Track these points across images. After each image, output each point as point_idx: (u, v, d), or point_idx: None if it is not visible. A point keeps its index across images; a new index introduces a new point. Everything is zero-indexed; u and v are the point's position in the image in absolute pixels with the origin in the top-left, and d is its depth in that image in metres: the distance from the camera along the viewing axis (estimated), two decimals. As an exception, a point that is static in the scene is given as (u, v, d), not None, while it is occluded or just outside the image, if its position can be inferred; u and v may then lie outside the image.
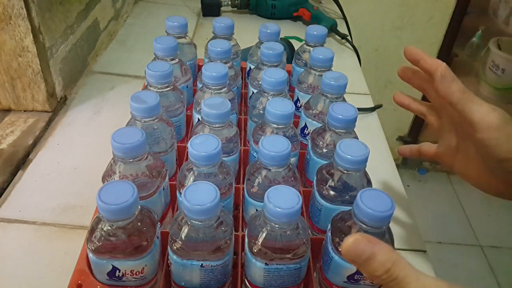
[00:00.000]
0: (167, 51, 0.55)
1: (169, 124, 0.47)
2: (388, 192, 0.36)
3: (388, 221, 0.35)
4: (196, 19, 1.04)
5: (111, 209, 0.33)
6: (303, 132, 0.55)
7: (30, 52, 0.60)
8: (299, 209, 0.35)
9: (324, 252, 0.40)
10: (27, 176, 0.57)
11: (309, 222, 0.46)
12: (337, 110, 0.46)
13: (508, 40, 1.91)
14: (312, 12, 1.02)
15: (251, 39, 0.69)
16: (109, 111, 0.70)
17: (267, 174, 0.42)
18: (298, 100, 0.60)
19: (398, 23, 1.49)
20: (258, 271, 0.37)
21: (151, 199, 0.41)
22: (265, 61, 0.58)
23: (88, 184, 0.56)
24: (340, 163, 0.41)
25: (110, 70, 0.81)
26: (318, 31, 0.63)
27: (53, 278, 0.45)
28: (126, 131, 0.39)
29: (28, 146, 0.61)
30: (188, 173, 0.41)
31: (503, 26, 1.98)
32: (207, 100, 0.45)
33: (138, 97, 0.44)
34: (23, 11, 0.57)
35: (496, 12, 2.05)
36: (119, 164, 0.39)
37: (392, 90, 1.81)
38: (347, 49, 0.99)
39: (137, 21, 1.01)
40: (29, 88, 0.64)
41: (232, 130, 0.47)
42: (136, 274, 0.36)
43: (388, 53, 1.55)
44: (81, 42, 0.76)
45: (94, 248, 0.35)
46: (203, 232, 0.36)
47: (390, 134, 0.74)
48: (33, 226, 0.50)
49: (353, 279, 0.38)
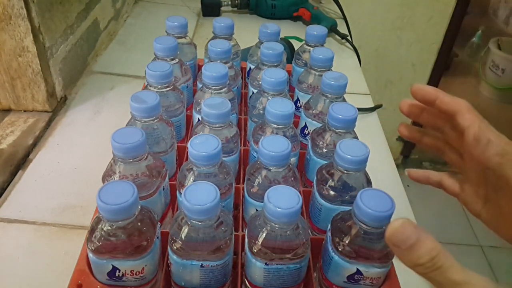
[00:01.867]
0: (167, 51, 0.55)
1: (169, 124, 0.47)
2: (388, 192, 0.36)
3: (388, 221, 0.35)
4: (196, 19, 1.04)
5: (111, 209, 0.33)
6: (303, 132, 0.55)
7: (30, 52, 0.60)
8: (299, 209, 0.35)
9: (324, 252, 0.40)
10: (27, 176, 0.57)
11: (309, 222, 0.46)
12: (337, 110, 0.46)
13: (508, 40, 1.91)
14: (312, 12, 1.02)
15: (251, 39, 0.69)
16: (109, 111, 0.70)
17: (267, 174, 0.42)
18: (298, 100, 0.60)
19: (398, 23, 1.49)
20: (258, 271, 0.37)
21: (151, 199, 0.41)
22: (265, 61, 0.58)
23: (88, 184, 0.56)
24: (340, 163, 0.41)
25: (110, 70, 0.81)
26: (318, 31, 0.63)
27: (53, 278, 0.45)
28: (126, 131, 0.39)
29: (28, 146, 0.61)
30: (188, 173, 0.41)
31: (503, 26, 1.99)
32: (207, 100, 0.45)
33: (138, 97, 0.44)
34: (23, 11, 0.57)
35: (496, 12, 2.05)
36: (119, 164, 0.39)
37: (392, 90, 1.82)
38: (347, 49, 0.99)
39: (137, 21, 1.01)
40: (29, 88, 0.64)
41: (232, 130, 0.47)
42: (136, 274, 0.36)
43: (388, 53, 1.55)
44: (81, 42, 0.76)
45: (94, 248, 0.35)
46: (203, 232, 0.36)
47: (390, 134, 0.73)
48: (33, 226, 0.50)
49: (353, 279, 0.38)
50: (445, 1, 1.45)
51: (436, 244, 0.27)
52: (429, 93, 0.39)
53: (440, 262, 0.26)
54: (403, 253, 0.27)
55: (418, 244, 0.26)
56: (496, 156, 0.35)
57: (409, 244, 0.27)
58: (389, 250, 0.37)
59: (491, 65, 1.90)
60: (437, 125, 0.42)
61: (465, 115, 0.37)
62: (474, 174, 0.39)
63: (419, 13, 1.47)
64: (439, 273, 0.26)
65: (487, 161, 0.36)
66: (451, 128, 0.41)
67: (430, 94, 0.39)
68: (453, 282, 0.26)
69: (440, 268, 0.26)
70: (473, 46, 2.07)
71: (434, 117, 0.42)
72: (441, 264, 0.26)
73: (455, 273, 0.26)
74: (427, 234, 0.27)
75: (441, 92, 0.39)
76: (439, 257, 0.26)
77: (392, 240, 0.27)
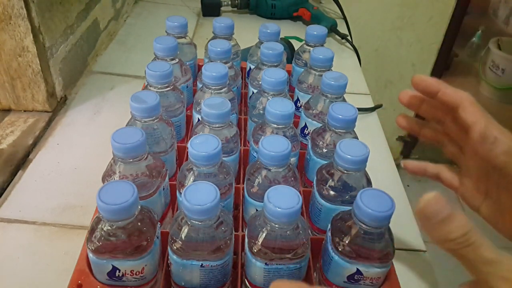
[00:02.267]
0: (167, 51, 0.55)
1: (169, 124, 0.47)
2: (388, 192, 0.36)
3: (388, 221, 0.35)
4: (196, 19, 1.04)
5: (111, 209, 0.33)
6: (303, 132, 0.55)
7: (30, 52, 0.60)
8: (299, 209, 0.35)
9: (324, 252, 0.40)
10: (27, 176, 0.57)
11: (309, 222, 0.46)
12: (337, 110, 0.46)
13: (508, 40, 1.91)
14: (312, 12, 1.02)
15: (251, 39, 0.69)
16: (109, 111, 0.70)
17: (267, 174, 0.42)
18: (298, 100, 0.60)
19: (398, 23, 1.49)
20: (258, 271, 0.37)
21: (151, 199, 0.41)
22: (265, 61, 0.58)
23: (88, 184, 0.56)
24: (340, 163, 0.41)
25: (110, 70, 0.81)
26: (318, 31, 0.63)
27: (53, 278, 0.45)
28: (126, 131, 0.39)
29: (28, 146, 0.61)
30: (188, 173, 0.41)
31: (503, 26, 1.99)
32: (207, 100, 0.45)
33: (138, 97, 0.44)
34: (23, 11, 0.57)
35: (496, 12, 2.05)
36: (119, 164, 0.39)
37: (392, 90, 1.82)
38: (347, 49, 0.99)
39: (137, 21, 1.01)
40: (29, 88, 0.64)
41: (232, 130, 0.47)
42: (136, 274, 0.36)
43: (388, 53, 1.55)
44: (81, 42, 0.76)
45: (94, 248, 0.35)
46: (203, 232, 0.36)
47: (390, 134, 0.73)
48: (33, 226, 0.50)
49: (353, 279, 0.38)
50: (445, 1, 1.45)
51: (468, 221, 0.26)
52: (431, 84, 0.38)
53: (472, 238, 0.25)
54: (434, 227, 0.26)
55: (450, 218, 0.26)
56: (503, 154, 0.35)
57: (441, 217, 0.26)
58: (389, 250, 0.37)
59: (491, 65, 1.90)
60: (437, 117, 0.41)
61: (468, 109, 0.36)
62: (475, 169, 0.39)
63: (419, 13, 1.47)
64: (471, 250, 0.26)
65: (493, 160, 0.35)
66: (452, 120, 0.40)
67: (432, 86, 0.38)
68: (485, 260, 0.26)
69: (472, 245, 0.25)
70: (473, 46, 2.07)
71: (435, 109, 0.41)
72: (474, 241, 0.25)
73: (488, 251, 0.25)
74: (460, 210, 0.26)
75: (443, 84, 0.38)
76: (472, 234, 0.25)
77: (424, 212, 0.26)
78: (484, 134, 0.35)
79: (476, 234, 0.26)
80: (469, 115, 0.36)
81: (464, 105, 0.37)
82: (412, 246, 0.53)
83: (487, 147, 0.35)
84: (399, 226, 0.55)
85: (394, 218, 0.35)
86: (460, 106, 0.37)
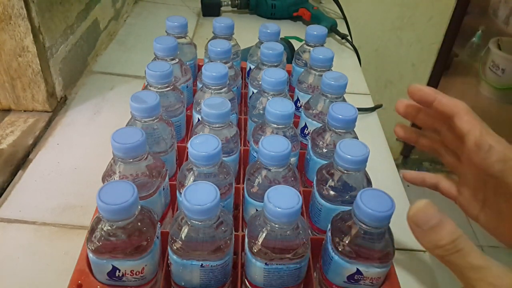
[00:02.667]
0: (167, 51, 0.55)
1: (169, 124, 0.47)
2: (388, 192, 0.36)
3: (388, 221, 0.35)
4: (196, 19, 1.04)
5: (111, 209, 0.33)
6: (303, 132, 0.55)
7: (30, 52, 0.60)
8: (299, 209, 0.35)
9: (324, 252, 0.40)
10: (27, 176, 0.57)
11: (309, 222, 0.46)
12: (337, 110, 0.46)
13: (508, 40, 1.91)
14: (312, 12, 1.02)
15: (251, 39, 0.69)
16: (109, 111, 0.70)
17: (267, 174, 0.42)
18: (298, 100, 0.60)
19: (398, 23, 1.49)
20: (258, 271, 0.37)
21: (151, 199, 0.41)
22: (265, 61, 0.58)
23: (88, 184, 0.56)
24: (340, 163, 0.41)
25: (110, 70, 0.81)
26: (318, 31, 0.63)
27: (53, 278, 0.45)
28: (126, 131, 0.39)
29: (28, 146, 0.61)
30: (188, 173, 0.41)
31: (503, 26, 1.98)
32: (207, 100, 0.45)
33: (138, 97, 0.44)
34: (23, 11, 0.57)
35: (496, 12, 2.05)
36: (119, 164, 0.39)
37: (392, 90, 1.82)
38: (347, 49, 0.99)
39: (137, 21, 1.01)
40: (29, 88, 0.64)
41: (232, 130, 0.47)
42: (136, 274, 0.36)
43: (388, 53, 1.55)
44: (81, 42, 0.76)
45: (94, 248, 0.35)
46: (203, 232, 0.36)
47: (390, 134, 0.73)
48: (33, 226, 0.50)
49: (353, 279, 0.38)
50: (445, 1, 1.45)
51: (457, 228, 0.26)
52: (427, 93, 0.38)
53: (461, 245, 0.26)
54: (424, 234, 0.27)
55: (440, 226, 0.26)
56: (498, 162, 0.35)
57: (431, 225, 0.26)
58: (389, 250, 0.37)
59: (491, 65, 1.90)
60: (433, 126, 0.42)
61: (464, 118, 0.36)
62: (472, 178, 0.39)
63: (419, 13, 1.47)
64: (459, 256, 0.26)
65: (488, 168, 0.35)
66: (448, 129, 0.40)
67: (428, 95, 0.38)
68: (472, 266, 0.26)
69: (461, 251, 0.26)
70: (473, 46, 2.07)
71: (431, 118, 0.41)
72: (462, 247, 0.26)
73: (476, 257, 0.26)
74: (449, 218, 0.27)
75: (439, 93, 0.38)
76: (460, 240, 0.26)
77: (414, 220, 0.27)
78: (479, 142, 0.35)
79: (465, 241, 0.26)
80: (464, 123, 0.36)
81: (460, 114, 0.37)
82: (412, 246, 0.53)
83: (482, 155, 0.35)
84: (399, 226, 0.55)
85: (394, 218, 0.35)
86: (456, 115, 0.37)
